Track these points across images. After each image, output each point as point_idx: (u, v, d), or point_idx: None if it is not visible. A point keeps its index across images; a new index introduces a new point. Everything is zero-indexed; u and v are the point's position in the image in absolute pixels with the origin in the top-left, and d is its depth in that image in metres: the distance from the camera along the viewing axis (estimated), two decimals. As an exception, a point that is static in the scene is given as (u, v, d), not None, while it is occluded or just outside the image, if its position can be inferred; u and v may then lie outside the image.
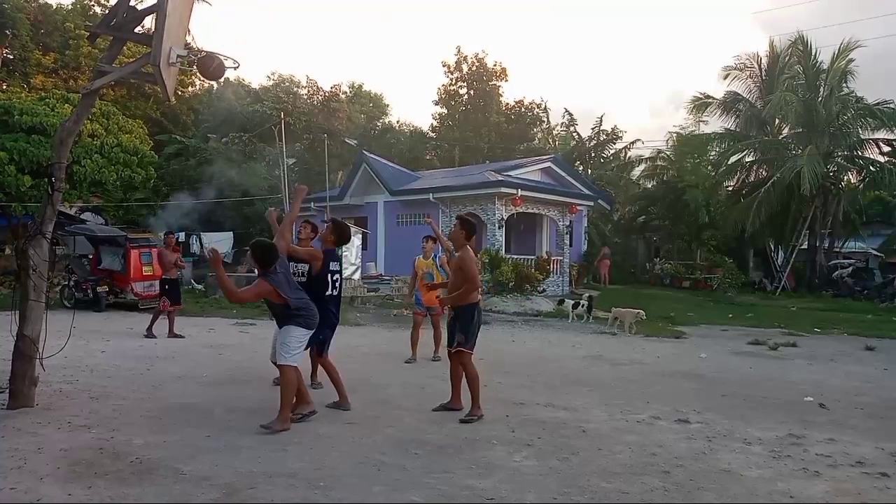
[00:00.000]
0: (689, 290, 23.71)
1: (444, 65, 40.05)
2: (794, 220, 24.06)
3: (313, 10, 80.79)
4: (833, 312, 17.46)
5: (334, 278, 6.07)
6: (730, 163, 26.26)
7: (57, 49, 32.30)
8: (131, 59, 9.18)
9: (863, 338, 12.72)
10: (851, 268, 23.91)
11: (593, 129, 34.97)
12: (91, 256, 16.83)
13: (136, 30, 6.34)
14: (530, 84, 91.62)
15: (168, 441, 4.79)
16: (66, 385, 6.59)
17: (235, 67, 6.31)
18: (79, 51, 31.14)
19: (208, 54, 6.54)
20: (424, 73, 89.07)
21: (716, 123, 28.03)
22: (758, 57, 26.94)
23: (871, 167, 24.00)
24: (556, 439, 5.17)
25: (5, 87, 29.24)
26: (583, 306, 14.90)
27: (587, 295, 17.15)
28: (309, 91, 37.81)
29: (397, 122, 44.95)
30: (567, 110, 55.13)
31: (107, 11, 7.23)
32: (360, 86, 43.98)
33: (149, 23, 6.19)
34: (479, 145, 37.54)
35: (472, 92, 39.66)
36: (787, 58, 25.21)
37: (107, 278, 15.43)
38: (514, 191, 20.15)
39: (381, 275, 21.36)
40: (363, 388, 6.58)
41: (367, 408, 6.00)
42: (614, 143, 34.62)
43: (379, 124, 42.35)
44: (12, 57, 31.35)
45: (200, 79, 37.03)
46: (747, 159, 26.39)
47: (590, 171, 33.11)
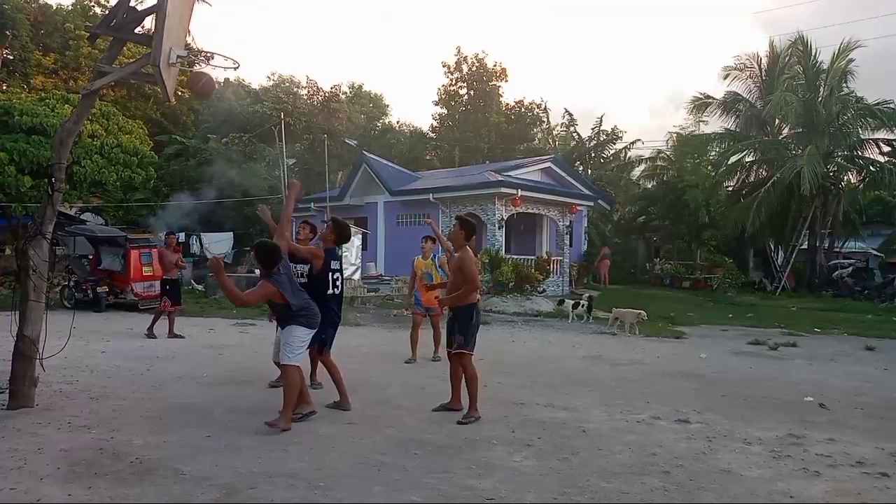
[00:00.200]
0: (689, 291, 23.71)
1: (444, 65, 40.18)
2: (794, 220, 24.06)
3: (313, 10, 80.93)
4: (833, 312, 17.45)
5: (335, 277, 6.08)
6: (730, 163, 26.25)
7: (57, 50, 32.31)
8: (131, 60, 9.18)
9: (863, 338, 12.71)
10: (851, 268, 23.91)
11: (593, 129, 35.07)
12: (91, 257, 16.82)
13: (136, 30, 6.33)
14: (530, 84, 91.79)
15: (168, 441, 4.79)
16: (66, 385, 6.59)
17: (235, 68, 6.33)
18: (79, 51, 31.16)
19: (196, 72, 6.51)
20: (424, 73, 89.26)
21: (716, 123, 28.10)
22: (758, 57, 27.00)
23: (871, 167, 24.01)
24: (556, 439, 5.17)
25: (5, 88, 29.24)
26: (583, 306, 14.90)
27: (587, 295, 17.15)
28: (309, 91, 37.86)
29: (397, 122, 45.07)
30: (567, 110, 55.29)
31: (107, 12, 7.23)
32: (360, 86, 44.07)
33: (149, 23, 6.20)
34: (479, 145, 37.55)
35: (472, 92, 39.68)
36: (787, 58, 25.20)
37: (107, 279, 15.43)
38: (514, 191, 20.15)
39: (381, 275, 21.37)
40: (363, 388, 6.58)
41: (367, 408, 6.00)
42: (614, 144, 34.69)
43: (379, 124, 42.39)
44: (12, 57, 31.36)
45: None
46: (747, 159, 26.39)
47: (590, 171, 33.11)
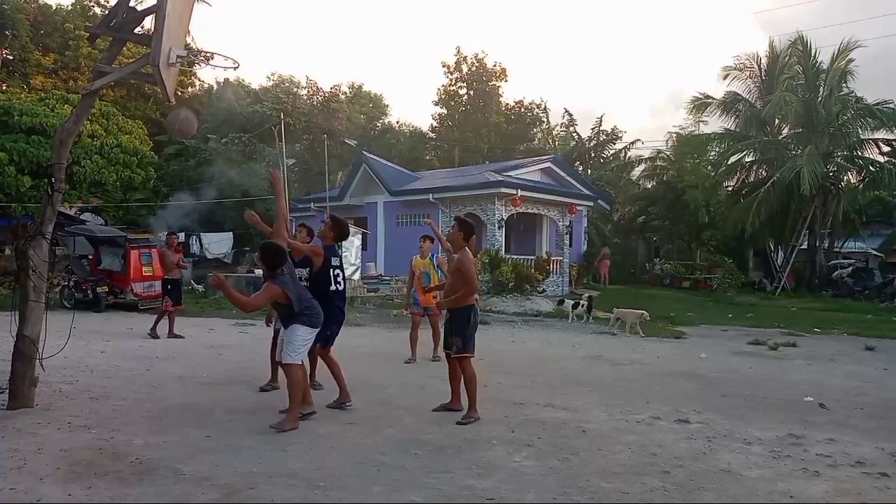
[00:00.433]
0: (689, 291, 23.71)
1: (443, 65, 40.21)
2: (793, 220, 24.07)
3: (313, 10, 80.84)
4: (833, 312, 17.46)
5: (336, 273, 6.07)
6: (730, 163, 26.25)
7: (57, 50, 32.30)
8: (131, 60, 9.17)
9: (863, 338, 12.72)
10: (851, 268, 23.91)
11: (593, 129, 35.09)
12: (91, 257, 16.83)
13: (136, 30, 6.32)
14: (530, 84, 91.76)
15: (168, 441, 4.79)
16: (66, 385, 6.58)
17: (235, 68, 6.32)
18: (78, 51, 31.15)
19: (173, 111, 6.38)
20: (424, 73, 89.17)
21: (716, 123, 28.12)
22: (758, 57, 27.00)
23: (871, 167, 24.01)
24: (556, 439, 5.17)
25: (5, 88, 29.24)
26: (583, 306, 14.90)
27: (587, 295, 17.15)
28: (309, 91, 37.87)
29: (397, 122, 45.07)
30: (567, 110, 55.22)
31: (106, 12, 7.22)
32: (360, 86, 44.04)
33: (148, 23, 6.18)
34: (479, 145, 37.56)
35: (472, 92, 39.69)
36: (787, 58, 25.19)
37: (107, 279, 15.44)
38: (513, 191, 20.15)
39: (380, 275, 21.38)
40: (363, 388, 6.57)
41: (367, 408, 6.00)
42: (614, 144, 34.71)
43: (379, 124, 42.38)
44: (12, 58, 31.36)
45: (200, 79, 37.10)
46: (747, 159, 26.40)
47: (590, 171, 33.12)
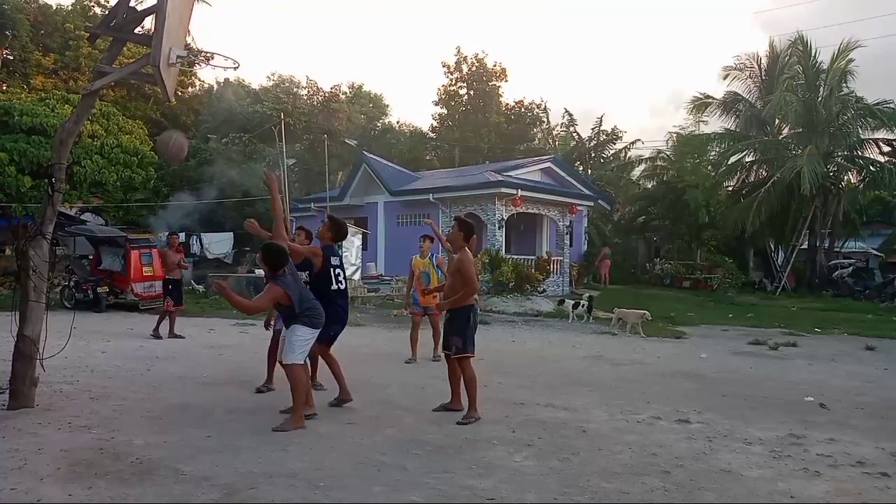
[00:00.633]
0: (690, 290, 23.70)
1: (443, 65, 40.16)
2: (794, 220, 24.06)
3: (313, 10, 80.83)
4: (833, 312, 17.45)
5: (337, 273, 6.09)
6: (730, 163, 26.25)
7: (57, 50, 32.30)
8: (131, 60, 9.17)
9: (863, 338, 12.71)
10: (851, 268, 23.91)
11: (593, 129, 35.08)
12: (91, 257, 16.84)
13: (136, 30, 6.33)
14: (530, 84, 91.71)
15: (168, 441, 4.79)
16: (67, 385, 6.59)
17: (235, 68, 6.33)
18: (79, 51, 31.16)
19: (163, 135, 6.49)
20: (424, 73, 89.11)
21: (716, 123, 28.10)
22: (758, 57, 26.99)
23: (871, 167, 24.01)
24: (557, 439, 5.17)
25: (5, 88, 29.24)
26: (583, 306, 14.90)
27: (587, 295, 17.14)
28: (309, 91, 37.83)
29: (397, 122, 45.04)
30: (567, 110, 55.24)
31: (107, 12, 7.23)
32: (360, 86, 43.98)
33: (149, 23, 6.19)
34: (479, 145, 37.55)
35: (472, 92, 39.67)
36: (787, 58, 25.18)
37: (107, 279, 15.44)
38: (514, 191, 20.14)
39: (381, 275, 21.38)
40: (363, 388, 6.57)
41: (367, 408, 6.00)
42: (614, 144, 34.70)
43: (379, 125, 42.36)
44: (12, 58, 31.36)
45: (200, 79, 37.09)
46: (747, 159, 26.39)
47: (590, 171, 33.12)
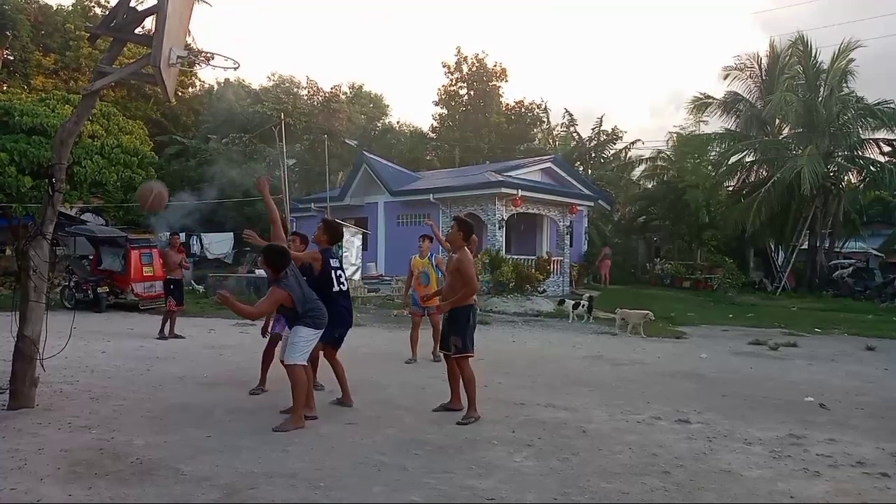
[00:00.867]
0: (690, 291, 23.70)
1: (444, 65, 40.20)
2: (794, 220, 24.06)
3: (313, 10, 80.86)
4: (833, 312, 17.44)
5: (338, 274, 6.09)
6: (730, 163, 26.24)
7: (57, 50, 32.32)
8: (131, 60, 9.18)
9: (863, 338, 12.71)
10: (852, 268, 23.90)
11: (593, 129, 35.07)
12: (91, 257, 16.84)
13: (137, 31, 6.33)
14: (530, 84, 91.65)
15: (168, 441, 4.79)
16: (67, 385, 6.59)
17: (235, 68, 6.34)
18: (79, 52, 31.18)
19: (144, 187, 6.84)
20: (424, 73, 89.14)
21: (716, 123, 28.09)
22: (758, 57, 26.98)
23: (872, 167, 24.01)
24: (557, 439, 5.17)
25: (6, 89, 29.25)
26: (583, 306, 14.89)
27: (587, 295, 17.13)
28: (309, 92, 37.86)
29: (397, 122, 45.07)
30: (567, 110, 55.33)
31: (107, 12, 7.23)
32: (361, 86, 44.03)
33: (149, 24, 6.20)
34: (479, 145, 37.56)
35: (473, 92, 39.68)
36: (788, 58, 25.17)
37: (107, 279, 15.45)
38: (514, 191, 20.13)
39: (381, 275, 21.37)
40: (363, 388, 6.57)
41: (368, 408, 6.00)
42: (614, 144, 34.69)
43: (379, 125, 42.37)
44: (13, 58, 31.37)
45: (201, 80, 37.09)
46: (747, 159, 26.38)
47: (590, 171, 33.12)
